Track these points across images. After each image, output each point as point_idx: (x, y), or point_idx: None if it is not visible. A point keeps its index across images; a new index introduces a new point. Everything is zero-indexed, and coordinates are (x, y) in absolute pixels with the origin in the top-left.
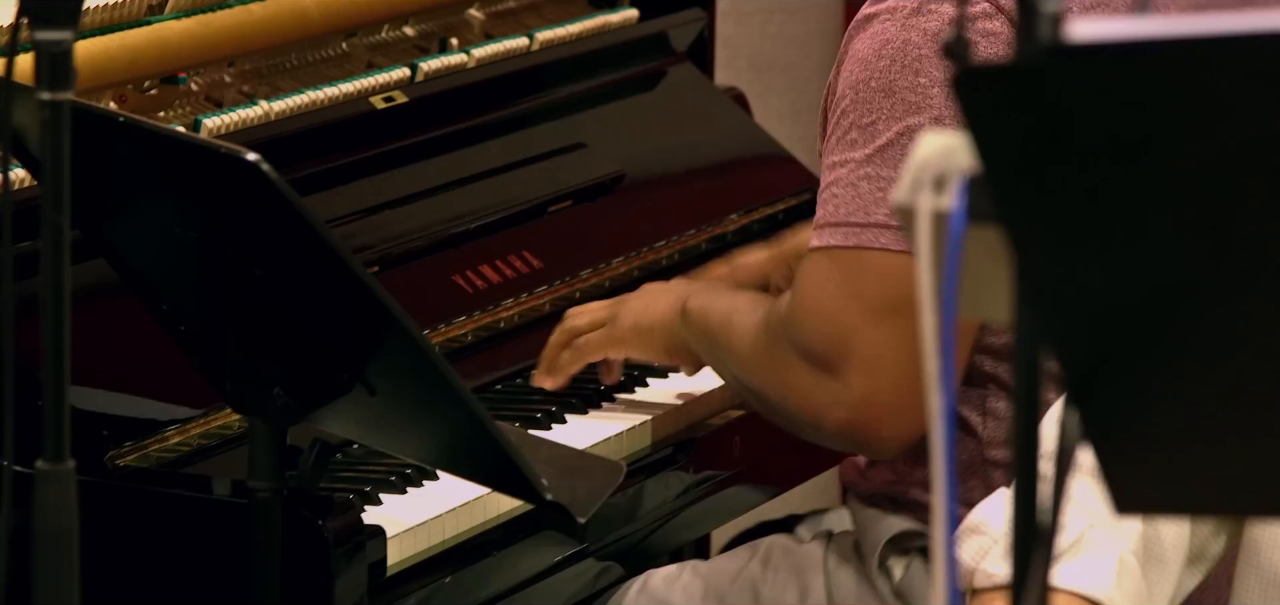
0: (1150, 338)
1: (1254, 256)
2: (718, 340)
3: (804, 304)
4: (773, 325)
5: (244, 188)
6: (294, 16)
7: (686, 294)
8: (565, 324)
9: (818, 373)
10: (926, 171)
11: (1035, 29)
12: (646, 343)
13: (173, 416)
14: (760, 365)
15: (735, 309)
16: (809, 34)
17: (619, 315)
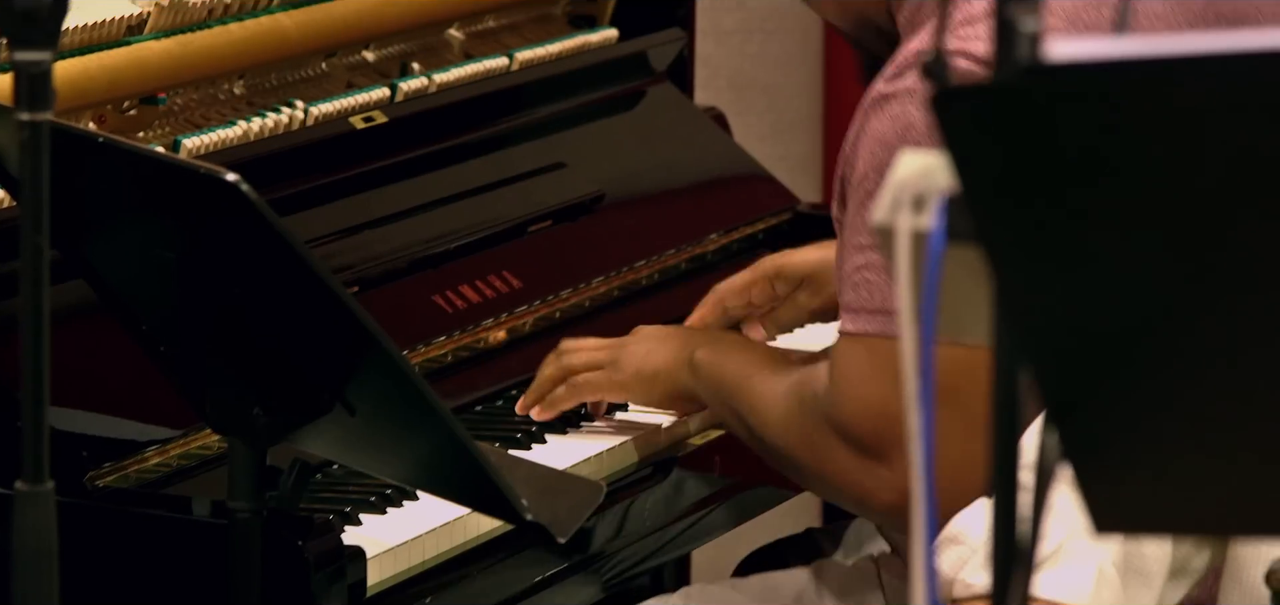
0: (1129, 357)
1: (1233, 276)
2: (734, 397)
3: (846, 392)
4: (807, 401)
5: (224, 208)
6: (273, 37)
7: (692, 343)
8: (562, 359)
9: (863, 458)
10: (905, 191)
11: (1013, 48)
12: (650, 390)
13: (152, 437)
14: (793, 436)
15: (753, 368)
16: (789, 54)
17: (620, 360)
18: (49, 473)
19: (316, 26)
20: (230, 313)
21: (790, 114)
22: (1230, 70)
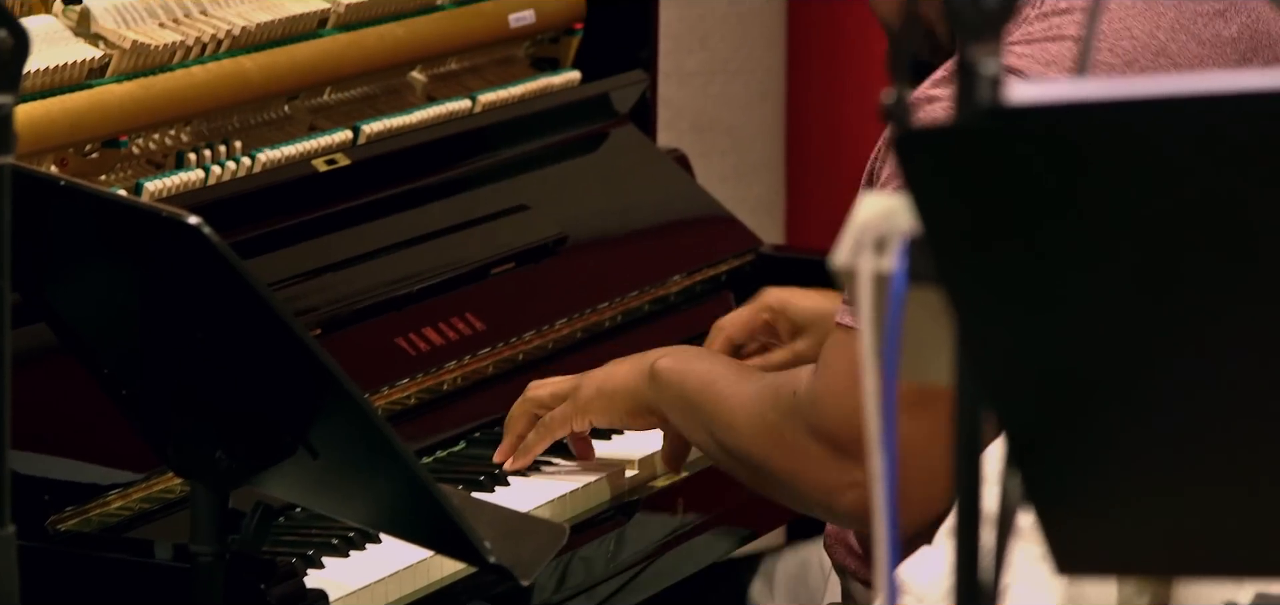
0: (1091, 399)
1: (1194, 317)
2: (698, 404)
3: (833, 386)
4: (784, 401)
5: (186, 251)
6: (235, 80)
7: (653, 355)
8: (528, 395)
9: (835, 455)
10: (867, 233)
11: (974, 91)
12: (611, 405)
13: (114, 480)
14: (763, 438)
15: (718, 375)
16: (751, 95)
17: (581, 386)
18: (10, 516)
19: (279, 69)
20: (192, 356)
21: (753, 156)
22: (1190, 114)
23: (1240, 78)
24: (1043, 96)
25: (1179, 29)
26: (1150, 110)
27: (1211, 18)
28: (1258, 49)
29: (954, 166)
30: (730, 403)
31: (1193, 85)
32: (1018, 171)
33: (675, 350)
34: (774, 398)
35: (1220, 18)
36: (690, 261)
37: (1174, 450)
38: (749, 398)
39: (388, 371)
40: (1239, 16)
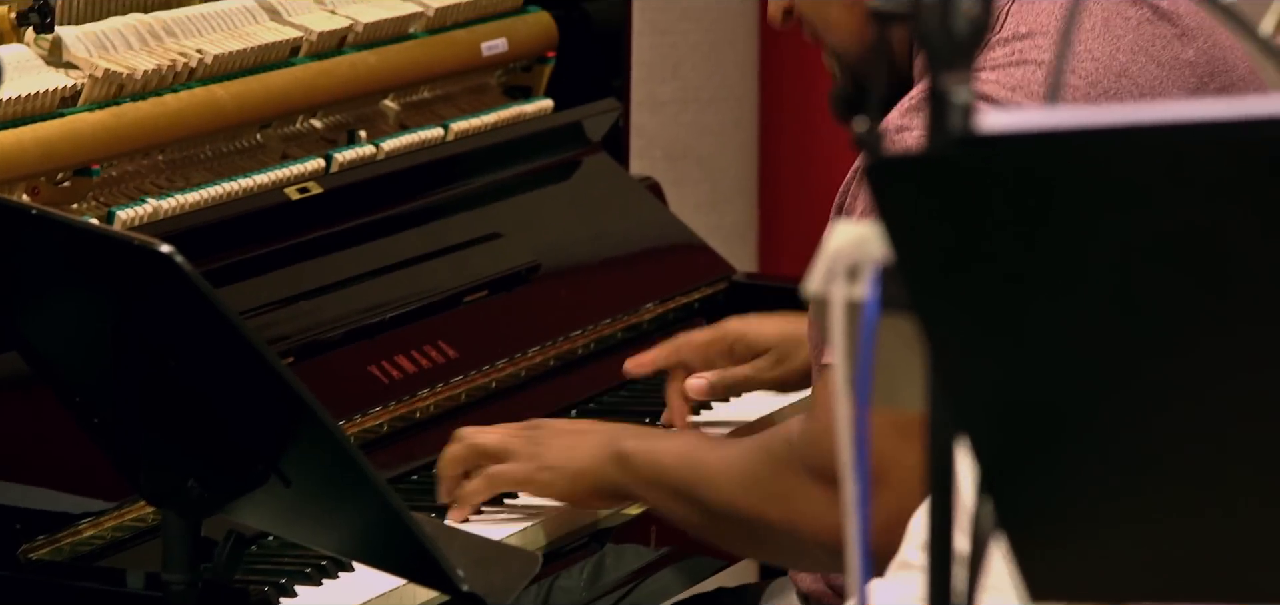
0: (1063, 426)
1: (1166, 346)
2: (678, 479)
3: (826, 424)
4: (776, 452)
5: (158, 279)
6: (208, 108)
7: (617, 436)
8: (468, 442)
9: (836, 492)
10: (839, 261)
11: (945, 119)
12: (574, 487)
13: (86, 509)
14: (757, 495)
15: (693, 446)
16: (723, 124)
17: (540, 454)
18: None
19: (251, 98)
20: (164, 384)
21: (726, 184)
22: (1160, 142)
23: (1210, 105)
24: (1014, 124)
25: (1139, 51)
26: (1121, 138)
27: (1170, 41)
28: (1214, 73)
29: (926, 194)
30: (714, 468)
31: (1163, 114)
32: (990, 199)
33: (636, 430)
34: (764, 452)
35: (1179, 41)
36: (663, 289)
37: (1146, 478)
38: (735, 458)
39: (360, 399)
40: (1197, 41)
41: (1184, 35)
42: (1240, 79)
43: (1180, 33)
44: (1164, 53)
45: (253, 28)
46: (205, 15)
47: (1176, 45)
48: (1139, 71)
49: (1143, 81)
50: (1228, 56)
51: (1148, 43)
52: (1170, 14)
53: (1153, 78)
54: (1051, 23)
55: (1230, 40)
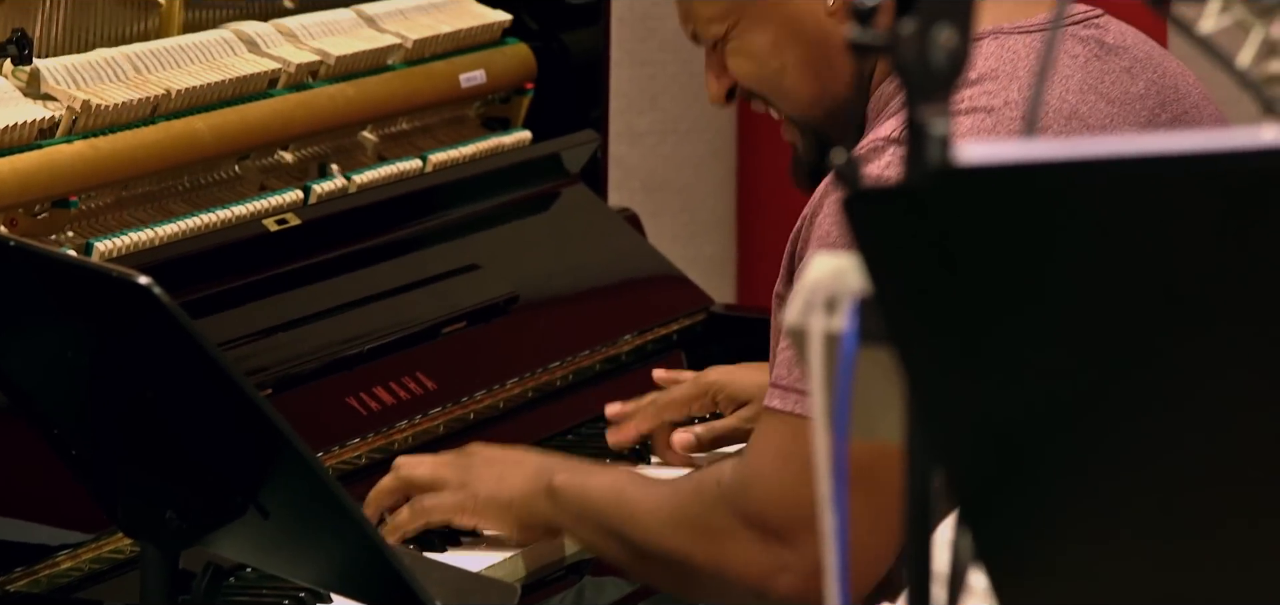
0: (1041, 459)
1: (1140, 377)
2: (606, 515)
3: (761, 469)
4: (706, 493)
5: (136, 311)
6: (186, 140)
7: (548, 469)
8: (401, 474)
9: (767, 540)
10: (818, 294)
11: (923, 151)
12: (503, 517)
13: (64, 541)
14: (684, 535)
15: (623, 483)
16: (701, 155)
17: (470, 483)
18: None
19: (230, 129)
20: (142, 416)
21: (704, 215)
22: (1135, 173)
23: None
24: (992, 157)
25: (1088, 90)
26: (1096, 171)
27: (1119, 75)
28: (1165, 104)
29: (902, 226)
30: (643, 506)
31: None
32: (968, 231)
33: (568, 463)
34: (695, 492)
35: (1127, 75)
36: (642, 321)
37: (1125, 509)
38: (664, 498)
39: (339, 431)
40: (1145, 72)
41: (1132, 68)
42: (1193, 106)
43: (1128, 66)
44: (1113, 89)
45: (231, 60)
46: (183, 47)
47: (1125, 80)
48: (1089, 111)
49: (1093, 121)
50: (1177, 85)
51: (1097, 80)
52: (1116, 47)
53: (1104, 116)
54: (1000, 66)
55: (1178, 68)
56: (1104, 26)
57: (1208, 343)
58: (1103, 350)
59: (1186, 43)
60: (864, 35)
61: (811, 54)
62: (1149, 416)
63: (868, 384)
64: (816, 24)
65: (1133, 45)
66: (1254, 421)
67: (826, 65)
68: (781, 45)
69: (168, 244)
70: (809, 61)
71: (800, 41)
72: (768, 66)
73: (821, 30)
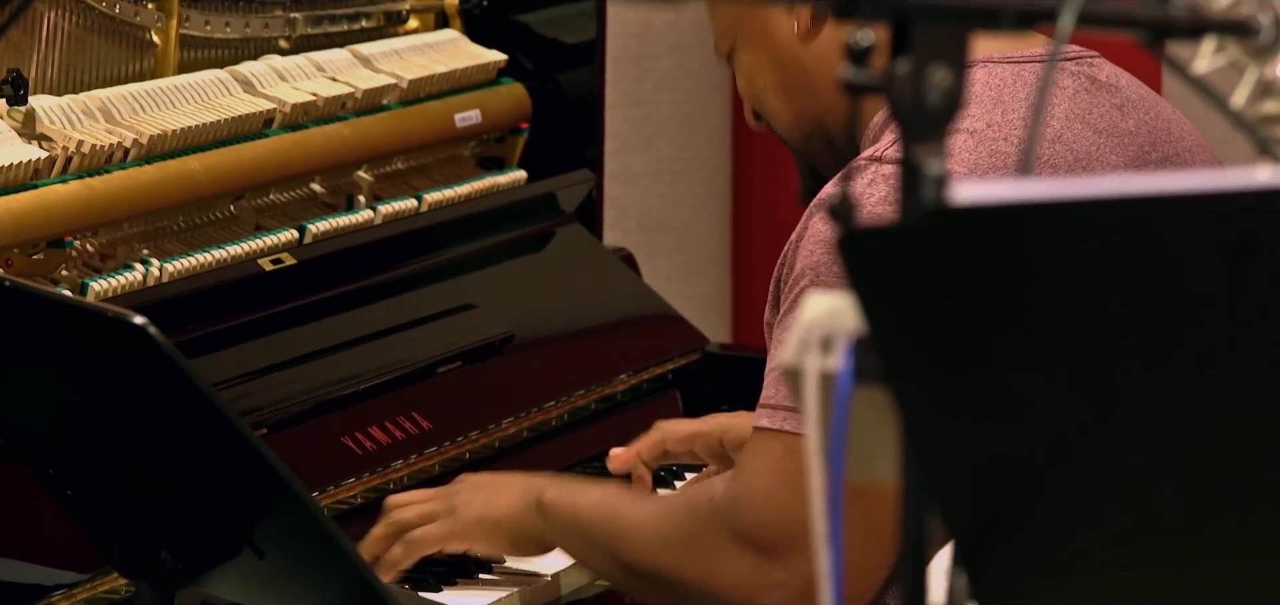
0: (1036, 497)
1: (1133, 415)
2: (596, 530)
3: (751, 487)
4: (698, 510)
5: (131, 351)
6: (182, 180)
7: (537, 486)
8: (390, 516)
9: (757, 557)
10: (813, 333)
11: (918, 190)
12: (493, 536)
13: (59, 581)
14: (674, 551)
15: (613, 499)
16: (697, 195)
17: (458, 508)
18: None
19: (225, 169)
20: (138, 456)
21: (699, 255)
22: (1132, 215)
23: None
24: (987, 196)
25: (1073, 118)
26: (1092, 211)
27: (1109, 110)
28: (1156, 143)
29: (897, 265)
30: (634, 522)
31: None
32: (962, 270)
33: (558, 480)
34: (687, 508)
35: (1118, 111)
36: (637, 360)
37: (1119, 546)
38: (655, 514)
39: (334, 471)
40: (1137, 112)
41: (1124, 106)
42: (1186, 150)
43: (1120, 103)
44: (1101, 121)
45: (226, 100)
46: (179, 87)
47: (1115, 115)
48: (1074, 138)
49: (1078, 147)
50: (1170, 128)
51: (1084, 110)
52: (1109, 86)
53: (1089, 144)
54: (985, 92)
55: (1172, 112)
56: (1097, 65)
57: (1201, 382)
58: (1097, 389)
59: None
60: (859, 75)
61: (786, 76)
62: (1142, 455)
63: (863, 422)
64: (789, 47)
65: (1125, 86)
66: (1246, 460)
67: (801, 90)
68: (764, 66)
69: (163, 284)
70: (784, 83)
71: (777, 63)
72: (755, 85)
73: (793, 53)
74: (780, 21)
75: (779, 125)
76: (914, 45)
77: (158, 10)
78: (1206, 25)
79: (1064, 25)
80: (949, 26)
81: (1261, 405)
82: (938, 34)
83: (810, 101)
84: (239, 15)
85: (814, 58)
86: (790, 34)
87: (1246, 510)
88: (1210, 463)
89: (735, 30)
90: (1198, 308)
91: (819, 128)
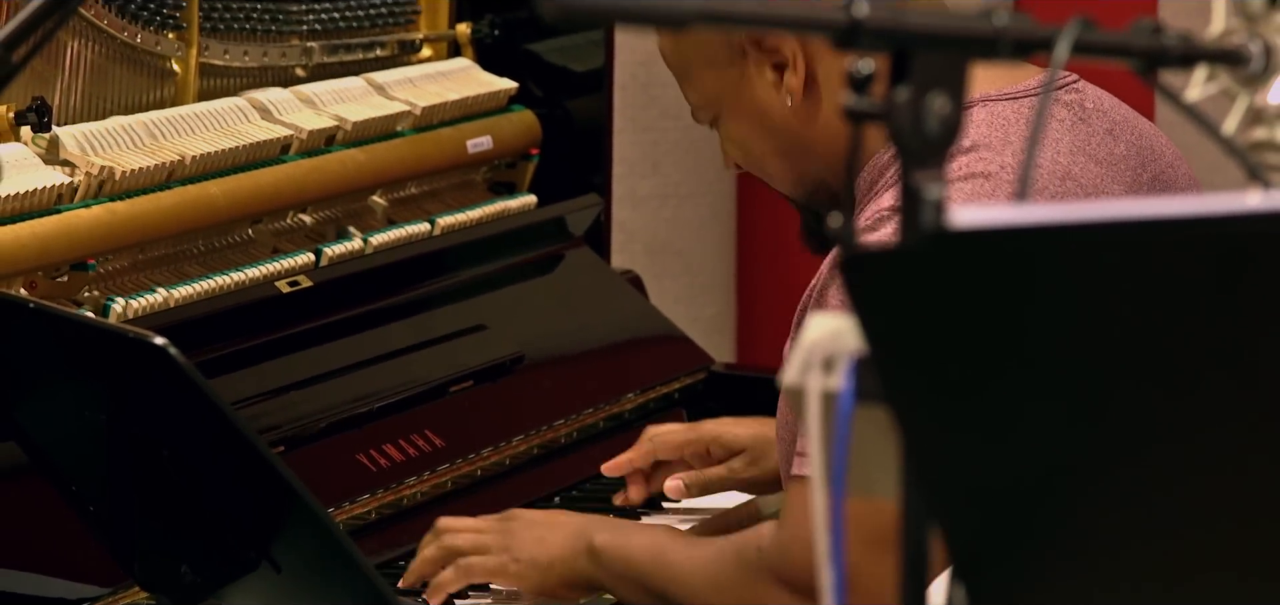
0: (1033, 513)
1: (1127, 435)
2: (648, 575)
3: (800, 535)
4: (748, 557)
5: (152, 371)
6: (201, 204)
7: (589, 529)
8: (443, 541)
9: (804, 602)
10: (816, 353)
11: (918, 215)
12: (545, 578)
13: (81, 594)
14: (725, 597)
15: (665, 545)
16: (702, 219)
17: (511, 547)
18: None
19: (243, 194)
20: (158, 473)
21: (704, 277)
22: (1126, 238)
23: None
24: (985, 221)
25: (1078, 152)
26: (1086, 234)
27: (1103, 138)
28: (1145, 163)
29: (897, 288)
30: (685, 568)
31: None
32: (961, 292)
33: (609, 522)
34: (737, 556)
35: (1109, 137)
36: (644, 380)
37: (1115, 563)
38: (707, 561)
39: (349, 487)
40: (1124, 134)
41: (1113, 130)
42: (1168, 166)
43: (1108, 128)
44: (1100, 150)
45: (244, 126)
46: (198, 114)
47: (1109, 141)
48: (1081, 172)
49: (1087, 182)
50: (1153, 145)
51: (1084, 142)
52: (1095, 111)
53: (1095, 177)
54: (992, 133)
55: (1151, 129)
56: (1082, 91)
57: (1194, 401)
58: (1092, 408)
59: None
60: (860, 103)
61: (784, 144)
62: (1138, 472)
63: (864, 441)
64: (783, 118)
65: (1109, 109)
66: (1239, 478)
67: (801, 153)
68: (758, 136)
69: (183, 305)
70: (783, 150)
71: (772, 133)
72: (752, 153)
73: (787, 123)
74: (769, 95)
75: (781, 186)
76: (913, 74)
77: (178, 40)
78: (1198, 54)
79: (1060, 55)
80: (948, 55)
81: (1253, 424)
82: (937, 62)
83: (812, 162)
84: (257, 45)
85: (811, 124)
86: (783, 109)
87: (1239, 528)
88: (1204, 480)
89: (718, 103)
90: (1191, 328)
91: (822, 185)
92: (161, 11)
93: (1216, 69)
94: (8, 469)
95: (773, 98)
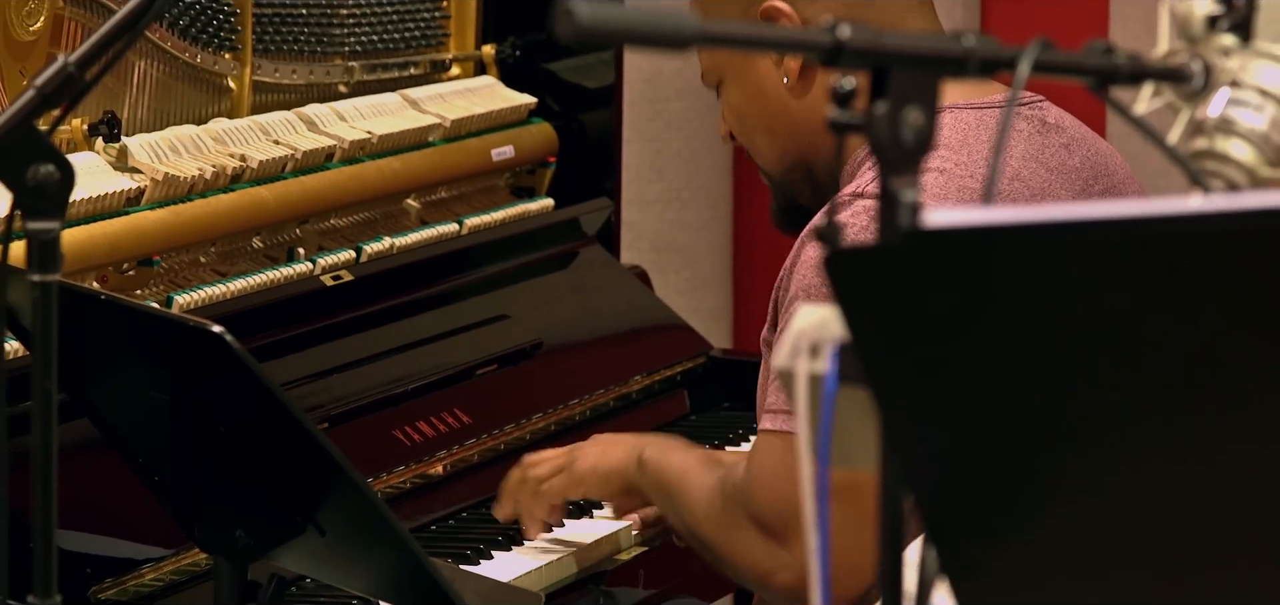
0: (1000, 485)
1: (1088, 415)
2: (673, 491)
3: (758, 478)
4: (727, 490)
5: (210, 356)
6: (254, 207)
7: (641, 444)
8: (528, 474)
9: (767, 539)
10: (804, 340)
11: (895, 215)
12: (604, 485)
13: (148, 556)
14: (713, 523)
15: (690, 466)
16: (702, 220)
17: (577, 460)
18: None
19: (292, 198)
20: (215, 447)
21: (704, 272)
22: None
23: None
24: (955, 221)
25: (1029, 158)
26: (1049, 233)
27: (1058, 149)
28: (1098, 176)
29: (876, 282)
30: (693, 491)
31: (1085, 213)
32: (934, 286)
33: (659, 440)
34: (722, 486)
35: (1065, 150)
36: (649, 364)
37: (1076, 531)
38: (707, 487)
39: (386, 460)
40: (1080, 150)
41: (1069, 145)
42: (1120, 181)
43: (1066, 143)
44: (1052, 159)
45: (293, 137)
46: (252, 126)
47: (1063, 153)
48: (1030, 175)
49: (1034, 184)
50: (1107, 162)
51: (1037, 151)
52: (1056, 126)
53: (1043, 181)
54: (953, 136)
55: (1108, 149)
56: (1046, 109)
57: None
58: (1052, 388)
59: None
60: (843, 115)
61: (774, 120)
62: (1092, 446)
63: (847, 419)
64: (778, 95)
65: (1070, 127)
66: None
67: (788, 133)
68: (752, 108)
69: (238, 297)
70: (772, 126)
71: (765, 107)
72: (744, 123)
73: (782, 101)
74: (769, 74)
75: (763, 160)
76: (891, 90)
77: (234, 60)
78: (1146, 72)
79: (1022, 72)
80: (922, 73)
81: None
82: (912, 80)
83: (796, 142)
84: (304, 64)
85: (801, 107)
86: (779, 85)
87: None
88: (1150, 453)
89: (723, 70)
90: (1142, 317)
91: (801, 163)
92: (219, 34)
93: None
94: (83, 444)
95: (772, 74)
